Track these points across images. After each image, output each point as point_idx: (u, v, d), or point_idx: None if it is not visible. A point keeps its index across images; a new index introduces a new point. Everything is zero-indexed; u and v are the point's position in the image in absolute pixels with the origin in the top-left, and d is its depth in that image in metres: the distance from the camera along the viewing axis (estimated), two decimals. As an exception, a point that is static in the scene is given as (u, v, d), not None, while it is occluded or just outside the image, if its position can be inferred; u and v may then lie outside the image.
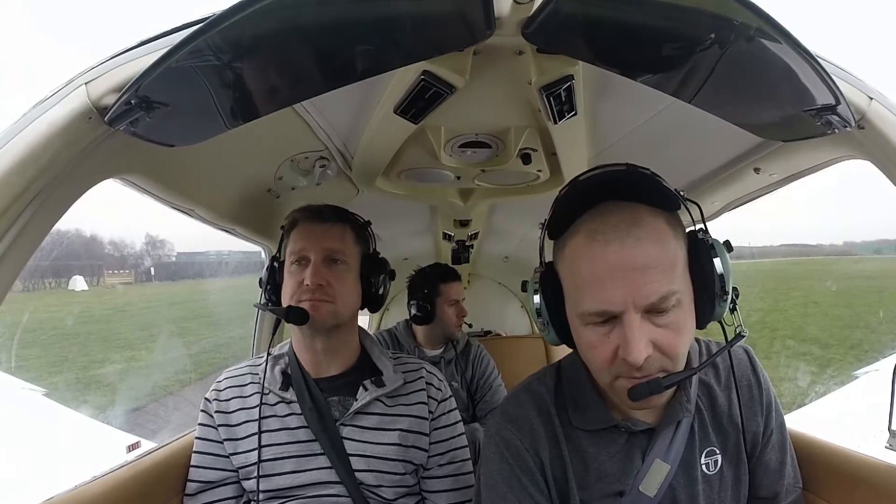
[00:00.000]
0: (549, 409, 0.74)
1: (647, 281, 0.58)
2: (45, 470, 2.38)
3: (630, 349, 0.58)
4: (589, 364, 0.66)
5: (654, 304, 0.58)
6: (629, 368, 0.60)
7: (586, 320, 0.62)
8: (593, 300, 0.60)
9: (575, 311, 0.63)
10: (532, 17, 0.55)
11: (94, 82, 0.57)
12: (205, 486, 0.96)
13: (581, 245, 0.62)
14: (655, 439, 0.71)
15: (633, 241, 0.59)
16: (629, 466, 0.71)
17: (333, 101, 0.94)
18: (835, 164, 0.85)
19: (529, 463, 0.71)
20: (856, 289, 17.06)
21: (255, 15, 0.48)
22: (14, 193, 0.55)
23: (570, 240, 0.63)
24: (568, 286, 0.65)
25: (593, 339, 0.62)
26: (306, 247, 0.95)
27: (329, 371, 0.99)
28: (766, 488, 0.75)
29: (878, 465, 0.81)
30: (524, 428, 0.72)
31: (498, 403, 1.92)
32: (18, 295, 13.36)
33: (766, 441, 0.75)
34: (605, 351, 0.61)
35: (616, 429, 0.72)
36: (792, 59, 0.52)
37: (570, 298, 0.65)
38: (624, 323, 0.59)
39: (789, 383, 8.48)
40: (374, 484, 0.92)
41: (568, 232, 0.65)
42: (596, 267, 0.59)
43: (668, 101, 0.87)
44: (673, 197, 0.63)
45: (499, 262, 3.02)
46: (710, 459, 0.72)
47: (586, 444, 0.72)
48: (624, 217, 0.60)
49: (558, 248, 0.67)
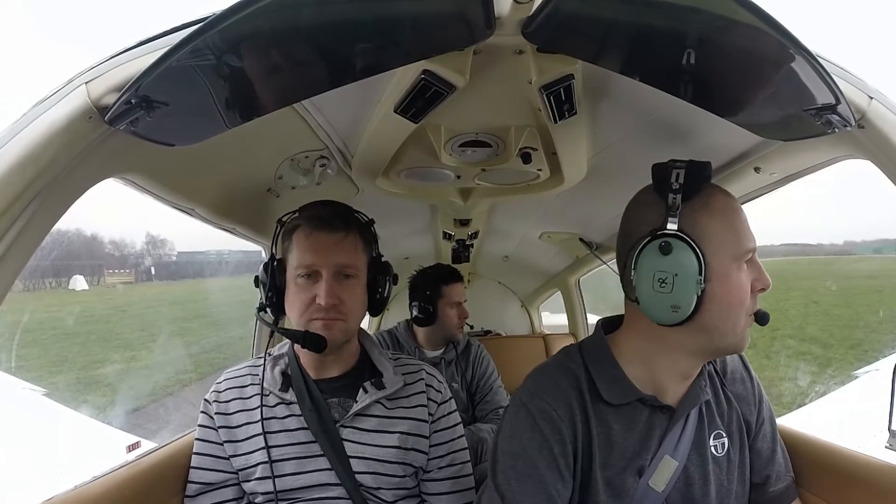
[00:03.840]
0: (580, 384, 0.77)
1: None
2: (45, 470, 2.38)
3: (767, 277, 0.72)
4: (732, 311, 0.70)
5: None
6: (754, 302, 0.72)
7: (746, 257, 0.71)
8: (750, 238, 0.72)
9: (734, 254, 0.70)
10: (532, 16, 0.55)
11: (95, 82, 0.57)
12: (205, 487, 0.95)
13: (726, 197, 0.74)
14: (672, 424, 0.76)
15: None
16: (649, 443, 0.75)
17: (333, 100, 0.94)
18: (835, 164, 0.85)
19: (564, 434, 0.73)
20: (856, 288, 17.06)
21: (255, 15, 0.48)
22: (14, 193, 0.55)
23: (714, 195, 0.73)
24: (723, 234, 0.71)
25: (744, 279, 0.71)
26: (317, 262, 0.90)
27: (329, 373, 0.98)
28: (759, 472, 0.81)
29: (874, 463, 0.81)
30: (559, 399, 0.74)
31: (499, 404, 1.93)
32: (19, 295, 13.38)
33: (758, 430, 0.82)
34: (749, 288, 0.71)
35: (640, 403, 0.76)
36: (792, 59, 0.52)
37: (723, 246, 0.70)
38: (755, 260, 0.73)
39: (789, 383, 8.47)
40: (374, 486, 0.92)
41: (706, 191, 0.73)
42: (741, 214, 0.73)
43: (668, 100, 0.87)
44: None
45: (499, 262, 3.02)
46: (718, 442, 0.78)
47: (611, 419, 0.75)
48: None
49: (699, 205, 0.72)
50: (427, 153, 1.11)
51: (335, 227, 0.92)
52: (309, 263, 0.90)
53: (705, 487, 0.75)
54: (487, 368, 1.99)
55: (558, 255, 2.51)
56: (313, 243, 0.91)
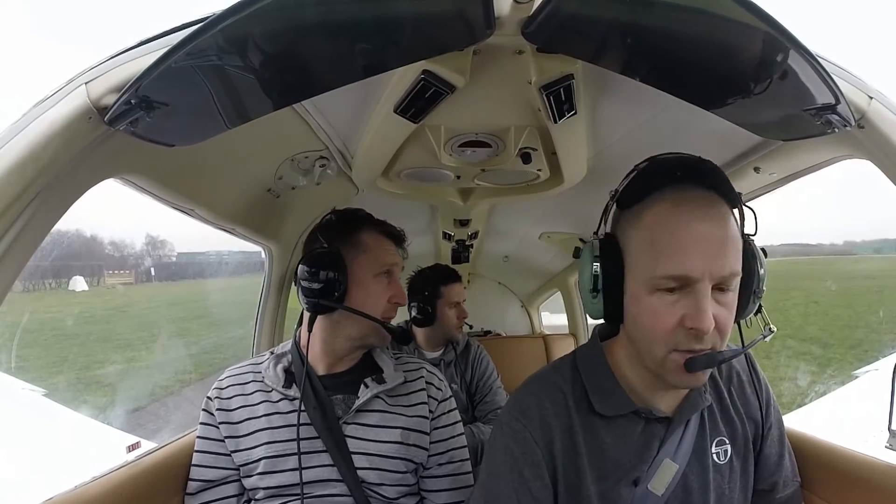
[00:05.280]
0: (566, 399, 0.74)
1: (723, 255, 0.61)
2: (45, 470, 2.38)
3: (702, 317, 0.60)
4: (646, 335, 0.65)
5: (725, 279, 0.61)
6: (689, 340, 0.62)
7: (657, 285, 0.63)
8: (673, 264, 0.61)
9: (645, 277, 0.64)
10: (532, 16, 0.55)
11: (94, 82, 0.57)
12: (206, 484, 0.96)
13: (666, 212, 0.63)
14: (670, 432, 0.72)
15: (717, 216, 0.62)
16: (646, 454, 0.72)
17: (333, 100, 0.94)
18: (835, 164, 0.85)
19: (537, 455, 0.70)
20: (856, 288, 17.05)
21: (255, 15, 0.48)
22: (14, 193, 0.55)
23: (652, 207, 0.65)
24: (639, 253, 0.65)
25: (659, 306, 0.63)
26: (398, 263, 1.02)
27: (339, 368, 1.01)
28: (765, 480, 0.77)
29: (876, 464, 0.81)
30: (534, 419, 0.72)
31: (498, 405, 1.92)
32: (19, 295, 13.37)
33: (765, 435, 0.78)
34: (670, 319, 0.62)
35: (635, 415, 0.72)
36: (792, 59, 0.52)
37: (638, 266, 0.65)
38: (697, 291, 0.61)
39: (789, 383, 8.48)
40: (375, 482, 0.93)
41: (647, 201, 0.66)
42: (681, 233, 0.61)
43: (668, 100, 0.87)
44: (737, 198, 0.66)
45: (499, 262, 3.02)
46: (721, 449, 0.75)
47: (604, 433, 0.72)
48: (705, 197, 0.63)
49: (631, 216, 0.67)
50: (427, 153, 1.11)
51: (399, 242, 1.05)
52: (392, 263, 1.01)
53: (704, 497, 0.72)
54: (487, 369, 1.99)
55: (558, 255, 2.51)
56: (389, 246, 1.02)
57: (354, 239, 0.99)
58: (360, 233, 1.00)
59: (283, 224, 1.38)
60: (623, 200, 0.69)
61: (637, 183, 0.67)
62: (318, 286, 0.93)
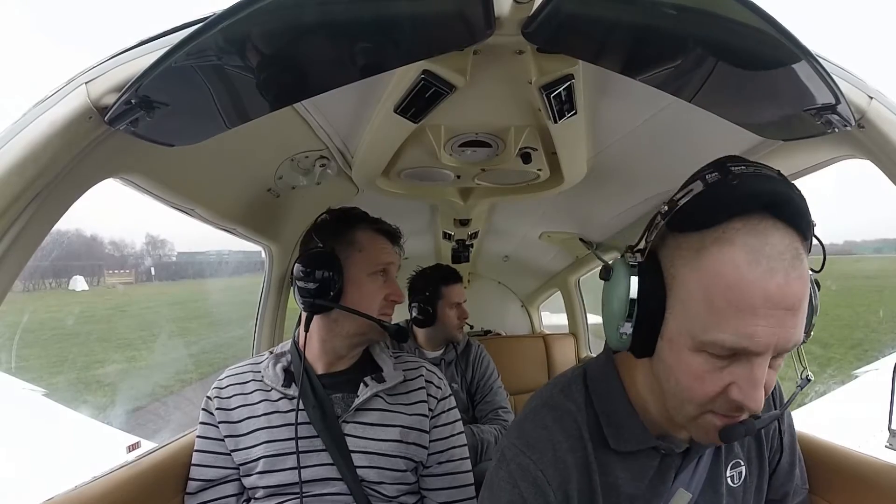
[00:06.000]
0: (580, 431, 0.65)
1: (794, 325, 0.50)
2: (45, 470, 2.38)
3: (754, 394, 0.50)
4: (678, 392, 0.56)
5: (788, 350, 0.52)
6: (731, 408, 0.53)
7: (708, 348, 0.51)
8: (734, 332, 0.49)
9: (693, 332, 0.52)
10: (532, 16, 0.55)
11: (95, 82, 0.57)
12: (205, 484, 0.96)
13: (738, 262, 0.49)
14: (687, 462, 0.66)
15: (796, 278, 0.49)
16: (660, 489, 0.66)
17: (333, 100, 0.94)
18: (835, 164, 0.85)
19: (549, 497, 0.61)
20: (856, 288, 17.04)
21: (255, 15, 0.48)
22: (14, 193, 0.55)
23: (718, 247, 0.50)
24: (691, 299, 0.52)
25: (703, 369, 0.53)
26: (394, 262, 1.02)
27: (338, 367, 1.01)
28: (776, 490, 0.75)
29: (881, 465, 0.81)
30: (546, 455, 0.62)
31: (498, 404, 1.92)
32: (19, 295, 13.37)
33: (779, 443, 0.75)
34: (714, 386, 0.52)
35: (653, 450, 0.65)
36: (792, 59, 0.52)
37: (685, 313, 0.53)
38: (754, 364, 0.50)
39: (789, 382, 8.45)
40: (375, 480, 0.93)
41: (711, 234, 0.51)
42: (754, 296, 0.48)
43: (668, 100, 0.87)
44: (812, 229, 0.53)
45: (499, 262, 3.02)
46: (735, 472, 0.70)
47: (619, 468, 0.64)
48: (788, 246, 0.50)
49: (686, 245, 0.53)
50: (427, 153, 1.11)
51: (395, 241, 1.05)
52: (388, 262, 1.01)
53: None
54: (487, 369, 1.99)
55: (558, 254, 2.51)
56: (385, 245, 1.03)
57: (349, 238, 0.99)
58: (354, 231, 1.00)
59: (283, 224, 1.38)
60: (677, 222, 0.54)
61: (700, 205, 0.52)
62: (314, 286, 0.93)
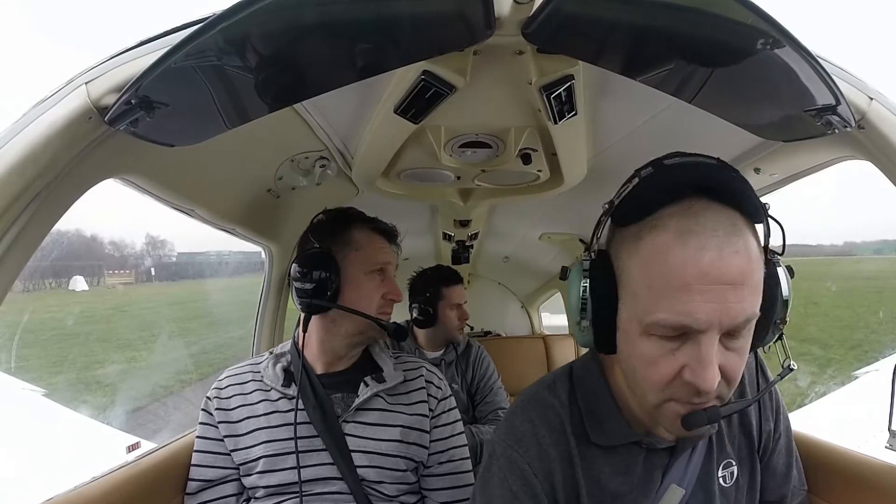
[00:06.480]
0: (563, 426, 0.66)
1: (738, 299, 0.50)
2: (45, 470, 2.38)
3: (705, 374, 0.50)
4: (638, 380, 0.57)
5: (738, 327, 0.51)
6: (689, 393, 0.53)
7: (653, 331, 0.53)
8: (673, 311, 0.50)
9: (640, 317, 0.53)
10: (532, 16, 0.55)
11: (95, 82, 0.57)
12: (205, 484, 0.96)
13: (669, 243, 0.51)
14: (674, 460, 0.66)
15: (732, 253, 0.50)
16: (648, 487, 0.66)
17: (333, 101, 0.94)
18: (835, 164, 0.85)
19: (537, 489, 0.64)
20: (856, 289, 17.06)
21: (255, 15, 0.48)
22: (14, 193, 0.55)
23: (652, 234, 0.52)
24: (635, 287, 0.54)
25: (654, 353, 0.53)
26: (391, 262, 1.02)
27: (338, 366, 1.01)
28: (773, 492, 0.74)
29: (881, 466, 0.81)
30: (532, 448, 0.65)
31: (498, 405, 1.92)
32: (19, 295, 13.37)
33: (774, 444, 0.73)
34: (667, 369, 0.53)
35: (636, 445, 0.66)
36: (792, 59, 0.52)
37: (633, 301, 0.55)
38: (701, 343, 0.51)
39: (789, 383, 8.47)
40: (375, 480, 0.93)
41: (647, 223, 0.53)
42: (686, 274, 0.50)
43: (668, 101, 0.87)
44: (761, 210, 0.55)
45: (499, 263, 3.02)
46: (727, 472, 0.70)
47: (602, 463, 0.66)
48: (722, 222, 0.51)
49: (627, 238, 0.55)
50: (427, 154, 1.11)
51: (391, 239, 1.06)
52: (385, 262, 1.02)
53: None
54: (487, 369, 1.99)
55: (558, 255, 2.51)
56: (383, 245, 1.03)
57: (345, 237, 0.99)
58: (350, 231, 1.00)
59: (283, 224, 1.38)
60: (618, 217, 0.57)
61: (635, 198, 0.55)
62: (311, 286, 0.93)
